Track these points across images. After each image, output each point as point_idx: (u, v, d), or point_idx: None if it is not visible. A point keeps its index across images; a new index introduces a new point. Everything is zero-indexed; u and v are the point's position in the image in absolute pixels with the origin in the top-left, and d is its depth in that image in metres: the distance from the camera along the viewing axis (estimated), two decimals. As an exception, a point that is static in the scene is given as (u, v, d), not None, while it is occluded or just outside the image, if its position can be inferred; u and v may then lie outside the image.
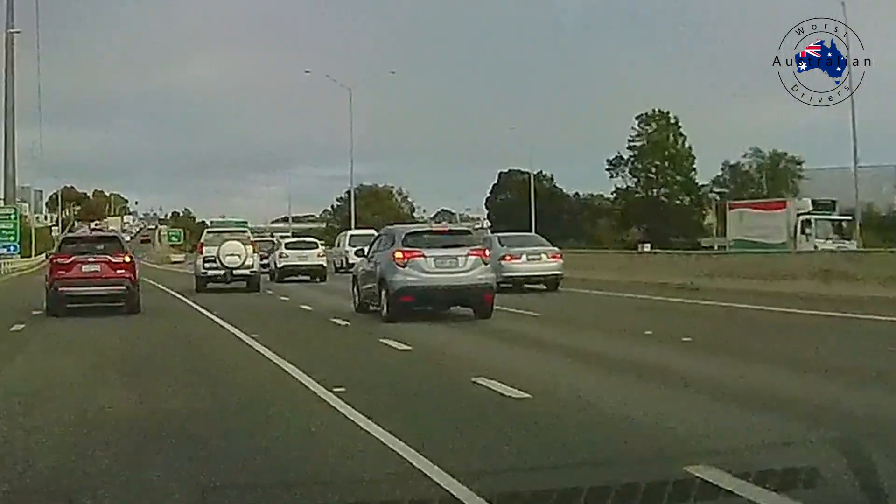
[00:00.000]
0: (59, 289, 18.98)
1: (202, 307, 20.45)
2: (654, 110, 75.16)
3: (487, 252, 16.84)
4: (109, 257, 19.36)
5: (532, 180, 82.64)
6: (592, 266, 29.14)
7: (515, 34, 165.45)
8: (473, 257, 16.01)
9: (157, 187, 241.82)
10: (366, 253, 18.11)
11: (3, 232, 62.70)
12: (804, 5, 26.39)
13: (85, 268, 19.15)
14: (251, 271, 27.49)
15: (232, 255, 27.11)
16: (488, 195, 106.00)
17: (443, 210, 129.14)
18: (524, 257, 24.58)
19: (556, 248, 26.29)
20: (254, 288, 27.14)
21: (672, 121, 75.35)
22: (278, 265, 34.87)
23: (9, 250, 62.96)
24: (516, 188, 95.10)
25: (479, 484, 4.91)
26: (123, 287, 19.17)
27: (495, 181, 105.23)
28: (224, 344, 13.53)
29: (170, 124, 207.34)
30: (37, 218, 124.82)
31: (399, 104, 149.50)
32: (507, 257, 24.22)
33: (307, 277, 34.01)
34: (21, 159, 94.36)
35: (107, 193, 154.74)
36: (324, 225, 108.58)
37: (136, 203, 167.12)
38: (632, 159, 76.09)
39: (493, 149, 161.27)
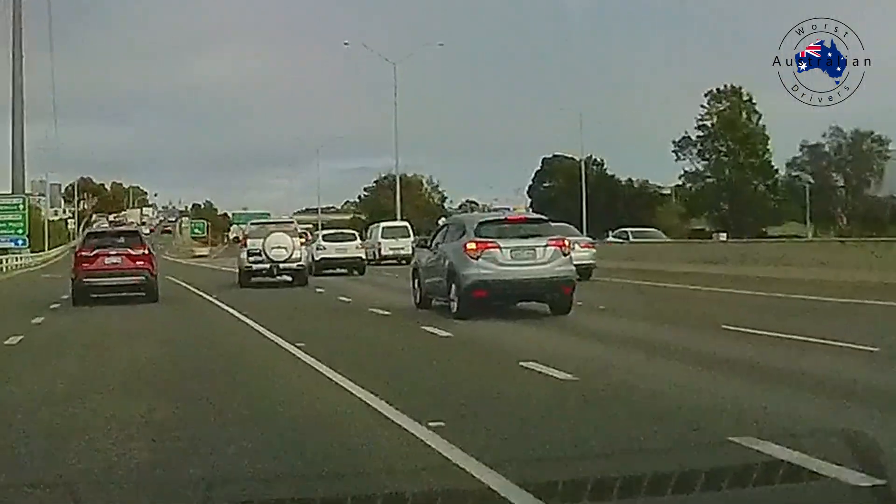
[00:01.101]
0: (84, 280, 20.35)
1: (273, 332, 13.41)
2: (725, 86, 69.33)
3: (567, 242, 15.62)
4: (129, 250, 20.63)
5: (583, 167, 76.80)
6: (783, 259, 23.39)
7: (555, 13, 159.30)
8: (552, 248, 15.03)
9: (176, 182, 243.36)
10: (428, 244, 17.31)
11: (10, 224, 57.69)
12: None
13: (107, 260, 20.48)
14: (298, 265, 26.52)
15: (278, 247, 26.10)
16: (531, 183, 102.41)
17: (467, 201, 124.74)
18: None
19: (588, 238, 26.41)
20: (301, 282, 26.30)
21: (745, 97, 69.09)
22: (316, 258, 33.82)
23: (16, 244, 57.78)
24: (562, 175, 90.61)
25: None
26: (143, 277, 20.50)
27: (538, 167, 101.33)
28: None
29: (189, 119, 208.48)
30: (55, 212, 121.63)
31: (426, 92, 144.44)
32: None
33: (344, 270, 33.58)
34: (38, 153, 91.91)
35: (125, 186, 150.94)
36: (348, 217, 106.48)
37: (156, 195, 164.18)
38: (700, 140, 69.84)
39: (528, 136, 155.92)
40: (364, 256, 35.38)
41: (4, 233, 57.10)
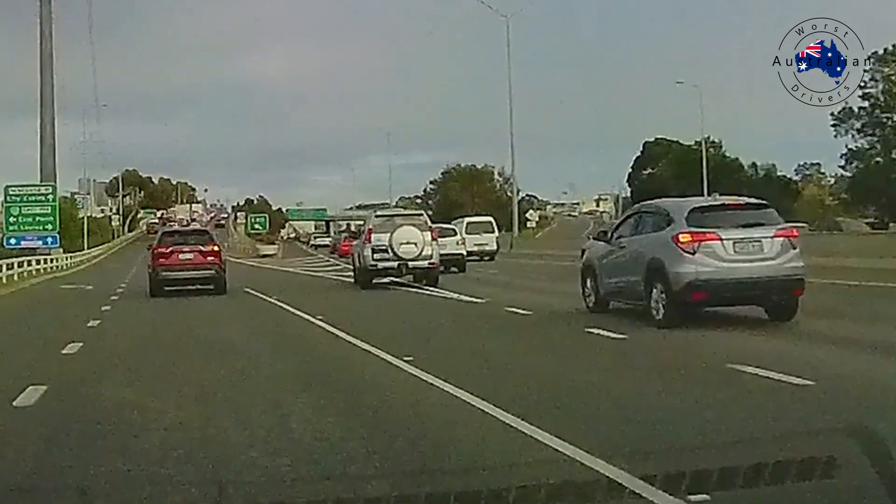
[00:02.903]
0: (161, 273, 24.56)
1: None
2: (894, 45, 59.51)
3: (796, 232, 14.13)
4: (201, 247, 25.05)
5: (703, 147, 68.75)
6: None
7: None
8: (780, 239, 13.49)
9: (223, 179, 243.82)
10: (608, 236, 15.95)
11: (38, 219, 50.25)
12: None
13: (181, 256, 24.74)
14: (430, 263, 25.57)
15: (407, 243, 25.39)
16: (630, 170, 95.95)
17: (528, 196, 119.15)
18: None
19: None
20: (431, 282, 25.46)
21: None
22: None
23: (45, 243, 49.89)
24: (670, 159, 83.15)
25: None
26: (213, 272, 24.81)
27: (639, 153, 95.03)
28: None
29: (236, 116, 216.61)
30: (101, 210, 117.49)
31: (498, 82, 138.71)
32: None
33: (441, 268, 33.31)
34: (84, 151, 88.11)
35: (173, 181, 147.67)
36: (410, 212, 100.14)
37: (206, 191, 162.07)
38: (864, 113, 60.52)
39: (594, 123, 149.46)
40: (465, 253, 35.38)
41: (31, 229, 49.66)
